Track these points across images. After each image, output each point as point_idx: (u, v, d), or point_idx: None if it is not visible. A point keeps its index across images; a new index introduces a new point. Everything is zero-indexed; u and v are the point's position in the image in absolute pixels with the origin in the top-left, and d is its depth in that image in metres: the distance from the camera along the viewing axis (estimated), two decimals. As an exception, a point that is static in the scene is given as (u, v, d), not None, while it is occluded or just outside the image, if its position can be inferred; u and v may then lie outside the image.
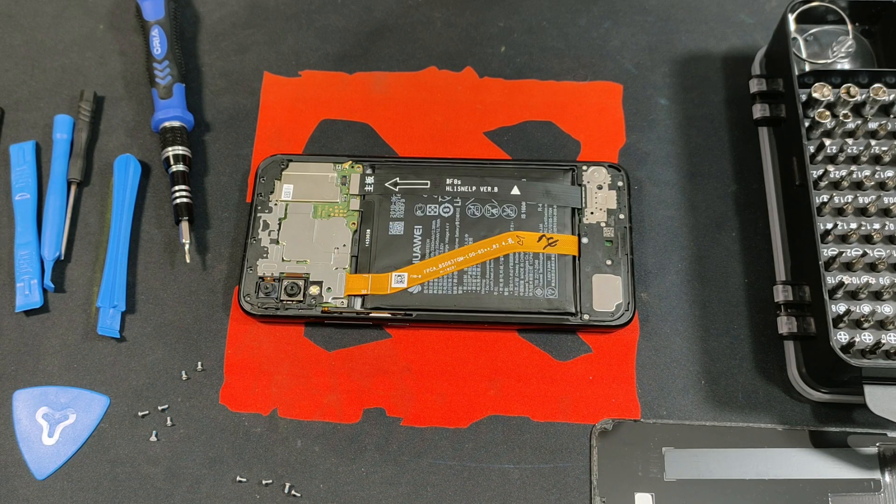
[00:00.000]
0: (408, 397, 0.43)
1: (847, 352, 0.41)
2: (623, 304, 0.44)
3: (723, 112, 0.50)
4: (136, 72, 0.52)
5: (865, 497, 0.41)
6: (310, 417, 0.43)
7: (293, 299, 0.44)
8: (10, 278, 0.46)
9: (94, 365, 0.44)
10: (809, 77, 0.46)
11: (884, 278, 0.43)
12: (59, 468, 0.42)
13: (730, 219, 0.47)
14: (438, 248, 0.45)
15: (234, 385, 0.44)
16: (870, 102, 0.46)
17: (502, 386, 0.44)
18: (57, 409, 0.43)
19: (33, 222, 0.47)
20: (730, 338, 0.45)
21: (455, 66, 0.52)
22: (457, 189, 0.47)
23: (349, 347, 0.45)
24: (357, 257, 0.45)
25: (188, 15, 0.54)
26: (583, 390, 0.44)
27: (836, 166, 0.45)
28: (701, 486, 0.42)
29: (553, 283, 0.44)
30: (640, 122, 0.50)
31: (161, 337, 0.45)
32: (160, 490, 0.42)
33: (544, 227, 0.46)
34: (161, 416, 0.43)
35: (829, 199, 0.44)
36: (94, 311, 0.45)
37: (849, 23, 0.49)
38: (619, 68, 0.51)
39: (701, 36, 0.52)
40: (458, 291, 0.44)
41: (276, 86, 0.51)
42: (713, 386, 0.44)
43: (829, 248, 0.43)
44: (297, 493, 0.42)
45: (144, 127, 0.50)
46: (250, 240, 0.46)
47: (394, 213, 0.46)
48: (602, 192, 0.47)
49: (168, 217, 0.48)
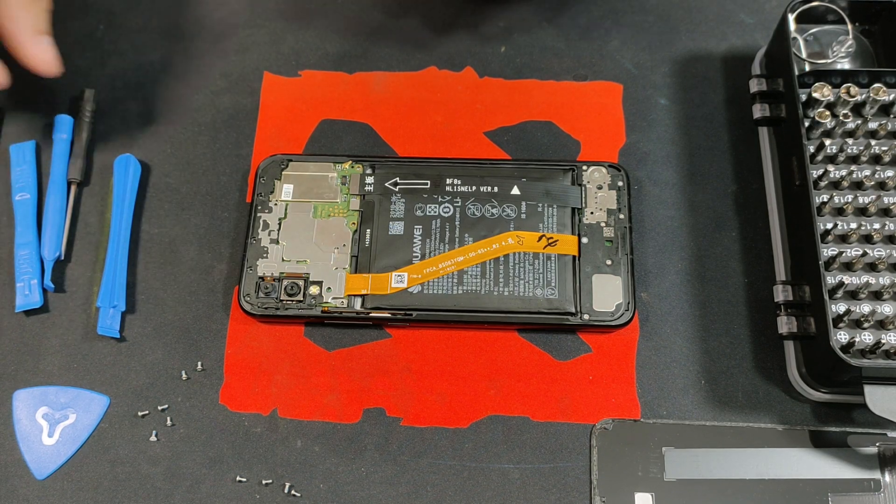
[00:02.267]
0: (408, 397, 0.43)
1: (847, 352, 0.41)
2: (623, 304, 0.44)
3: (723, 112, 0.50)
4: (135, 72, 0.52)
5: (865, 497, 0.41)
6: (310, 417, 0.43)
7: (293, 299, 0.44)
8: (10, 278, 0.46)
9: (94, 365, 0.44)
10: (809, 77, 0.46)
11: (884, 278, 0.43)
12: (59, 468, 0.42)
13: (730, 219, 0.48)
14: (438, 248, 0.45)
15: (234, 385, 0.44)
16: (870, 102, 0.46)
17: (502, 386, 0.44)
18: (57, 409, 0.43)
19: (33, 222, 0.47)
20: (730, 338, 0.45)
21: (455, 66, 0.52)
22: (457, 189, 0.47)
23: (349, 347, 0.45)
24: (357, 257, 0.45)
25: (188, 15, 0.54)
26: (583, 390, 0.44)
27: (836, 166, 0.45)
28: (701, 485, 0.42)
29: (553, 282, 0.44)
30: (640, 122, 0.50)
31: (161, 337, 0.45)
32: (160, 490, 0.42)
33: (544, 227, 0.46)
34: (161, 416, 0.43)
35: (828, 199, 0.44)
36: (94, 311, 0.45)
37: (849, 23, 0.49)
38: (619, 68, 0.51)
39: (701, 36, 0.52)
40: (458, 291, 0.44)
41: (276, 86, 0.51)
42: (713, 386, 0.44)
43: (829, 248, 0.43)
44: (297, 493, 0.42)
45: (144, 127, 0.50)
46: (250, 240, 0.46)
47: (394, 212, 0.46)
48: (602, 191, 0.47)
49: (168, 217, 0.48)
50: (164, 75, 0.52)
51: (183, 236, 0.47)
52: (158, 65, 0.52)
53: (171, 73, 0.52)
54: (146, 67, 0.52)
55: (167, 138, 0.50)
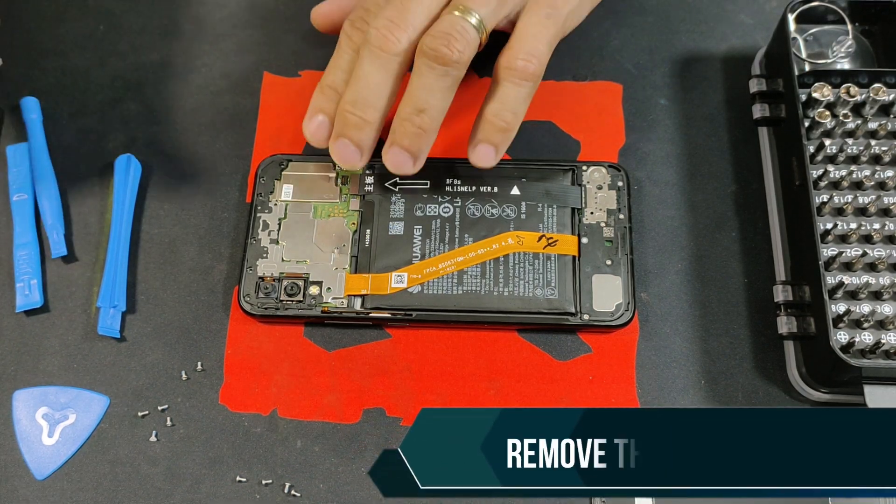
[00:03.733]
0: (408, 397, 0.43)
1: (847, 352, 0.41)
2: (623, 304, 0.44)
3: (723, 112, 0.50)
4: (135, 72, 0.52)
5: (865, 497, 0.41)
6: (310, 417, 0.43)
7: (293, 299, 0.44)
8: (9, 278, 0.46)
9: (94, 365, 0.44)
10: (809, 77, 0.46)
11: (884, 278, 0.43)
12: (59, 468, 0.42)
13: (730, 219, 0.47)
14: (438, 248, 0.45)
15: (234, 385, 0.44)
16: (870, 102, 0.46)
17: (502, 386, 0.44)
18: (57, 409, 0.43)
19: (32, 222, 0.47)
20: (730, 338, 0.45)
21: (455, 66, 0.52)
22: (457, 189, 0.47)
23: (349, 347, 0.45)
24: (357, 257, 0.45)
25: (188, 15, 0.54)
26: (583, 390, 0.44)
27: (836, 166, 0.45)
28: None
29: (553, 283, 0.44)
30: (639, 122, 0.50)
31: (161, 337, 0.45)
32: (160, 490, 0.42)
33: (544, 227, 0.46)
34: (161, 416, 0.43)
35: (828, 199, 0.44)
36: (94, 311, 0.45)
37: (849, 23, 0.49)
38: (619, 68, 0.51)
39: (701, 36, 0.52)
40: (458, 291, 0.44)
41: (276, 86, 0.51)
42: (713, 386, 0.44)
43: (829, 248, 0.43)
44: (296, 493, 0.42)
45: (144, 127, 0.50)
46: (250, 240, 0.46)
47: (394, 213, 0.46)
48: (602, 192, 0.47)
49: (168, 217, 0.48)
50: (164, 75, 0.52)
51: (183, 236, 0.47)
52: (158, 65, 0.52)
53: (171, 74, 0.52)
54: (146, 68, 0.52)
55: (167, 138, 0.50)
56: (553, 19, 0.43)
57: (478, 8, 0.42)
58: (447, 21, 0.41)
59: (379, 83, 0.42)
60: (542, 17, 0.42)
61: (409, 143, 0.43)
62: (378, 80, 0.42)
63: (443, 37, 0.41)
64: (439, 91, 0.42)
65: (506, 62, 0.42)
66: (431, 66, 0.41)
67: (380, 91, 0.42)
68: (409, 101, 0.42)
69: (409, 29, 0.41)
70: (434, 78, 0.41)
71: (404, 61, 0.42)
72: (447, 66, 0.41)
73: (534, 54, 0.42)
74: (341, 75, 0.44)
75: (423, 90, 0.42)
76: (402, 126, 0.43)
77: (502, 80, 0.42)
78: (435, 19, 0.42)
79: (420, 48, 0.41)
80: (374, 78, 0.42)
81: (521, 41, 0.42)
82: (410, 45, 0.42)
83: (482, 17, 0.42)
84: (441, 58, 0.40)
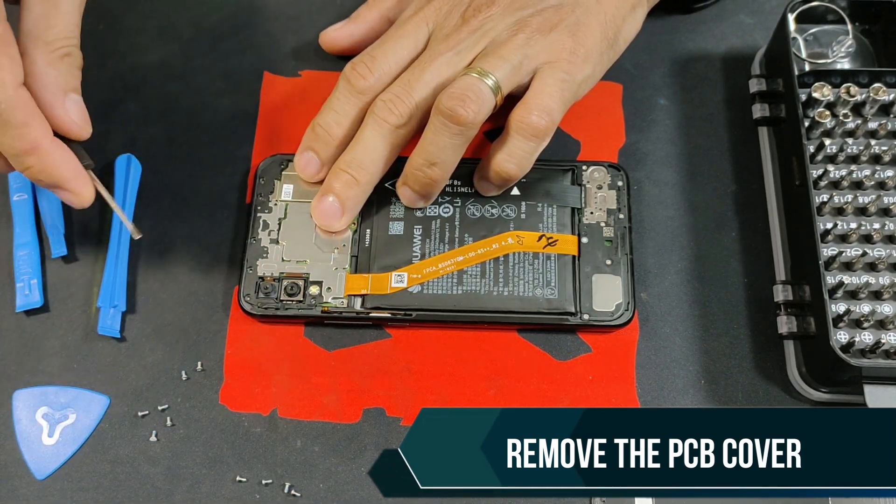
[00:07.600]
0: (408, 397, 0.43)
1: (847, 351, 0.41)
2: (623, 304, 0.44)
3: (722, 112, 0.50)
4: (135, 72, 0.52)
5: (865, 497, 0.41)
6: (310, 417, 0.43)
7: (293, 299, 0.44)
8: (9, 278, 0.46)
9: (94, 365, 0.44)
10: (809, 77, 0.47)
11: (884, 278, 0.43)
12: (59, 468, 0.42)
13: (730, 219, 0.48)
14: (438, 248, 0.45)
15: (233, 385, 0.44)
16: (870, 102, 0.46)
17: (502, 386, 0.44)
18: (57, 409, 0.43)
19: (32, 222, 0.47)
20: (730, 338, 0.45)
21: (455, 66, 0.52)
22: (457, 189, 0.47)
23: (349, 347, 0.45)
24: (357, 257, 0.45)
25: (188, 15, 0.54)
26: (583, 390, 0.44)
27: (836, 166, 0.45)
28: (701, 485, 0.41)
29: (553, 282, 0.44)
30: (639, 122, 0.50)
31: (161, 337, 0.45)
32: (160, 490, 0.42)
33: (544, 226, 0.46)
34: (161, 416, 0.43)
35: (828, 199, 0.44)
36: (94, 311, 0.45)
37: (849, 23, 0.49)
38: (619, 68, 0.51)
39: (701, 36, 0.52)
40: (458, 291, 0.44)
41: (276, 86, 0.51)
42: (713, 386, 0.44)
43: (829, 248, 0.43)
44: (296, 493, 0.42)
45: (144, 127, 0.50)
46: (250, 240, 0.46)
47: (394, 212, 0.46)
48: (602, 191, 0.47)
49: (168, 217, 0.48)
50: (163, 76, 0.52)
51: (183, 236, 0.47)
52: (158, 65, 0.52)
53: (170, 74, 0.52)
54: (146, 68, 0.52)
55: (167, 139, 0.50)
56: (568, 84, 0.43)
57: (494, 70, 0.42)
58: (465, 82, 0.42)
59: (378, 150, 0.44)
60: (557, 80, 0.43)
61: (420, 189, 0.45)
62: (377, 147, 0.44)
63: (459, 97, 0.42)
64: (450, 148, 0.43)
65: (519, 116, 0.43)
66: (446, 124, 0.42)
67: (376, 157, 0.44)
68: (422, 153, 0.43)
69: (413, 105, 0.43)
70: (448, 136, 0.42)
71: (407, 133, 0.44)
72: (461, 126, 0.42)
73: (547, 111, 0.42)
74: (334, 117, 0.45)
75: (435, 146, 0.43)
76: (414, 175, 0.44)
77: (513, 132, 0.43)
78: (444, 86, 0.43)
79: (437, 105, 0.42)
80: (373, 144, 0.43)
81: (536, 98, 0.43)
82: (414, 119, 0.43)
83: (498, 80, 0.42)
84: (456, 118, 0.41)
